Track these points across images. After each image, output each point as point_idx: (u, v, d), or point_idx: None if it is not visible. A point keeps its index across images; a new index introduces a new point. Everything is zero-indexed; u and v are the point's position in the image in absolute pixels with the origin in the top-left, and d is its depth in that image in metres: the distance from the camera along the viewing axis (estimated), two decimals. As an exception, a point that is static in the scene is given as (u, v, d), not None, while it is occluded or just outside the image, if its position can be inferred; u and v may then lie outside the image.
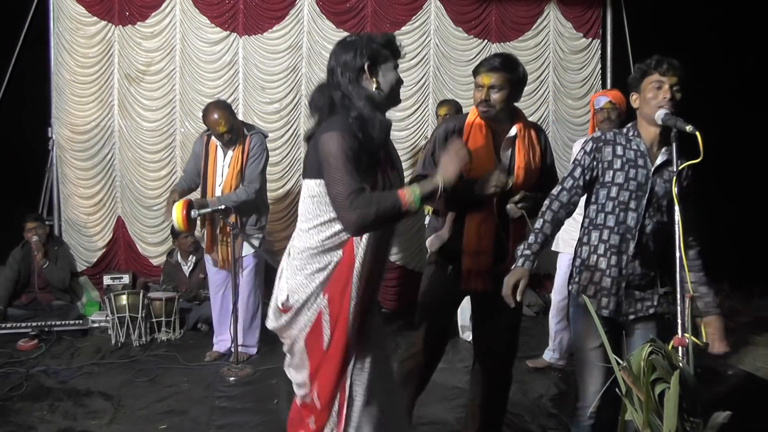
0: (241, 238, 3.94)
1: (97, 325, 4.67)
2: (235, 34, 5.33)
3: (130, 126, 5.27)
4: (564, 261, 3.80)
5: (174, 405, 3.39)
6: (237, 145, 3.95)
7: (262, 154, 3.99)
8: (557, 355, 3.95)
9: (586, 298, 1.91)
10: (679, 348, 1.74)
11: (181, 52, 5.30)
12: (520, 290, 2.08)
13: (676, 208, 1.89)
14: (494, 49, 5.62)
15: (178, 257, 4.98)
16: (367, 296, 1.85)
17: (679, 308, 1.81)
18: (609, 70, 5.89)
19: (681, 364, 1.59)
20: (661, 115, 2.05)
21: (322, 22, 5.41)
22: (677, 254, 1.85)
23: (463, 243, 2.47)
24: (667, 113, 2.04)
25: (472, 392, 2.71)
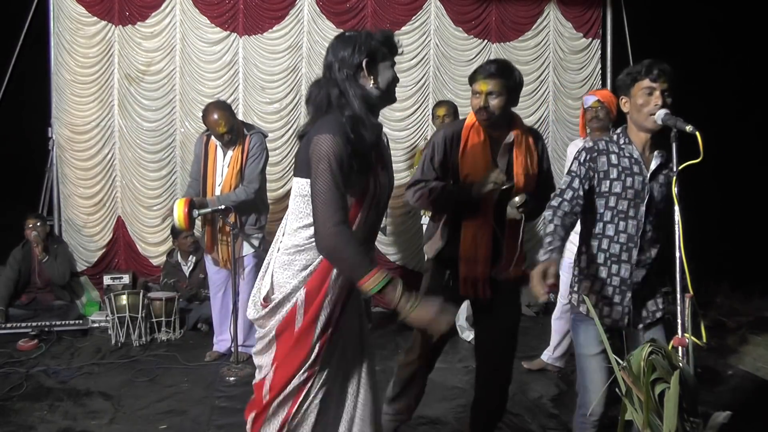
0: (241, 238, 3.94)
1: (97, 325, 4.67)
2: (235, 34, 5.33)
3: (130, 126, 5.28)
4: (565, 264, 3.79)
5: (174, 405, 3.39)
6: (237, 145, 3.95)
7: (262, 154, 3.99)
8: (557, 355, 3.95)
9: (589, 303, 1.90)
10: (679, 348, 1.75)
11: (181, 52, 5.30)
12: (551, 275, 1.93)
13: (676, 209, 1.89)
14: (494, 49, 5.63)
15: (178, 257, 4.98)
16: (343, 298, 1.85)
17: (679, 308, 1.81)
18: (609, 70, 5.87)
19: (681, 364, 1.59)
20: (661, 115, 2.04)
21: (322, 22, 5.41)
22: (677, 254, 1.85)
23: (460, 250, 2.46)
24: (668, 113, 2.04)
25: (475, 393, 2.70)
